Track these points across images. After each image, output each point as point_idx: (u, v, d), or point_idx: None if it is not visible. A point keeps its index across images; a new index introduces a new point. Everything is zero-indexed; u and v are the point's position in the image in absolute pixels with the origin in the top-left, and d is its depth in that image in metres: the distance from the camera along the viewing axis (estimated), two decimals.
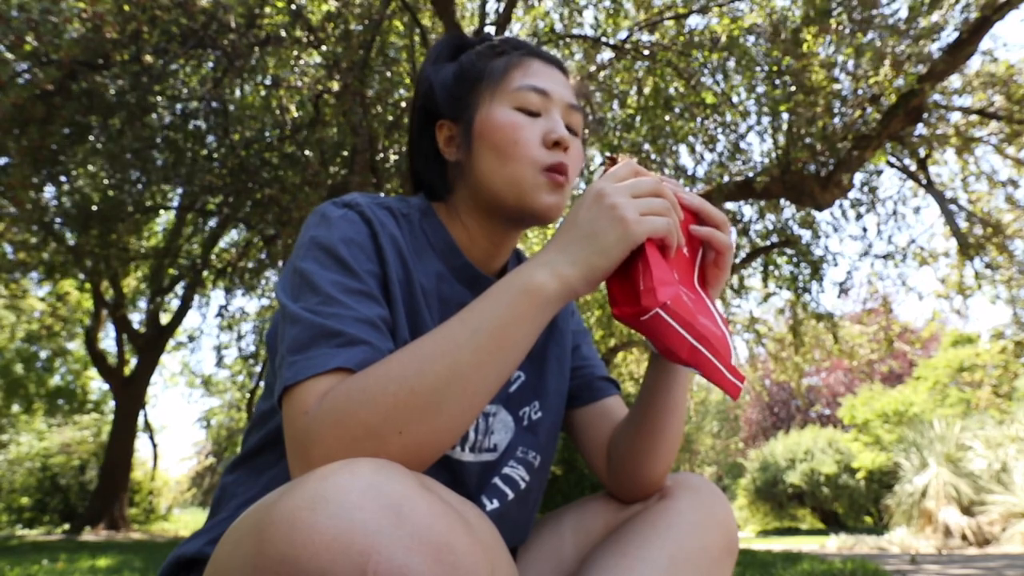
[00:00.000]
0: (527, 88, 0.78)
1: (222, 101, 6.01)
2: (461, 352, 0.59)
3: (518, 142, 0.76)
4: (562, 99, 0.80)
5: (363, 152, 5.96)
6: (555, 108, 0.79)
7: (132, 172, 6.32)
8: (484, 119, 0.78)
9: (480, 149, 0.78)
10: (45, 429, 13.85)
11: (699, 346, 0.64)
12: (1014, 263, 6.55)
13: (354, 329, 0.63)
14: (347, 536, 0.44)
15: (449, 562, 0.45)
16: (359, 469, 0.48)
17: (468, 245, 0.82)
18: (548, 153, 0.77)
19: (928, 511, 8.81)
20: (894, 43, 5.11)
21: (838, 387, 21.00)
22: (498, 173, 0.77)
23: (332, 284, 0.66)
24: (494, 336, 0.61)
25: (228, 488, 0.78)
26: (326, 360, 0.60)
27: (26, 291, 8.85)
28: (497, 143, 0.77)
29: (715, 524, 0.79)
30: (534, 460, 0.85)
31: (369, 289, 0.68)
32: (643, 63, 6.01)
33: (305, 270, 0.67)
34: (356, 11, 5.82)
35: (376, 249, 0.71)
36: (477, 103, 0.79)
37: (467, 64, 0.82)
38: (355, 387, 0.58)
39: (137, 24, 4.84)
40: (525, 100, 0.78)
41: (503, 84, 0.79)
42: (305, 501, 0.46)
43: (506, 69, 0.80)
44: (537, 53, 0.83)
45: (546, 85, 0.79)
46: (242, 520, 0.53)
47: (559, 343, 0.91)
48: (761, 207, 7.09)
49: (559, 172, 0.76)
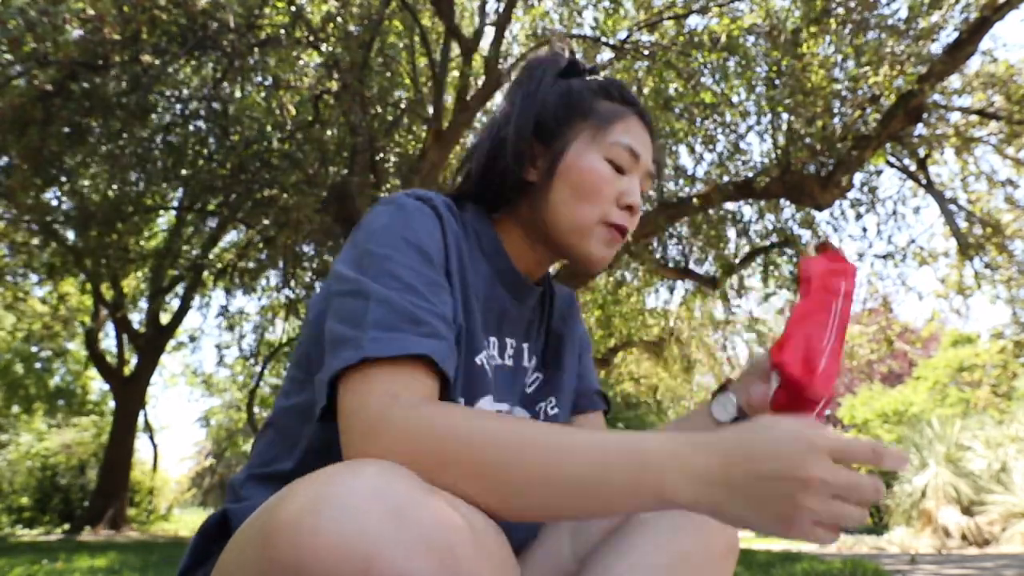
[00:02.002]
0: (625, 147, 0.80)
1: (222, 101, 6.01)
2: (552, 476, 0.54)
3: (599, 193, 0.78)
4: (646, 167, 0.83)
5: (363, 152, 5.96)
6: (638, 174, 0.82)
7: (132, 172, 6.32)
8: (576, 158, 0.79)
9: (560, 183, 0.79)
10: (45, 429, 13.84)
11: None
12: (1014, 263, 6.54)
13: (436, 322, 0.63)
14: (350, 541, 0.44)
15: (452, 567, 0.45)
16: (363, 471, 0.48)
17: (514, 253, 0.83)
18: (618, 213, 0.80)
19: (928, 511, 8.81)
20: (894, 43, 5.11)
21: (838, 387, 21.00)
22: (568, 211, 0.79)
23: (412, 273, 0.66)
24: (589, 493, 0.54)
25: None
26: (414, 344, 0.60)
27: (27, 292, 8.84)
28: (579, 186, 0.78)
29: (716, 524, 0.78)
30: None
31: (444, 284, 0.69)
32: (643, 63, 6.01)
33: (383, 255, 0.67)
34: (356, 11, 5.81)
35: (445, 245, 0.72)
36: (574, 138, 0.80)
37: (577, 90, 0.83)
38: (457, 425, 0.56)
39: (137, 24, 4.83)
40: (619, 156, 0.80)
41: (604, 132, 0.80)
42: (309, 505, 0.46)
43: (612, 119, 0.81)
44: (642, 113, 0.85)
45: (640, 150, 0.81)
46: (246, 525, 0.53)
47: (574, 345, 0.94)
48: (761, 207, 7.08)
49: (621, 233, 0.80)
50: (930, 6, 4.92)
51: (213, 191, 6.70)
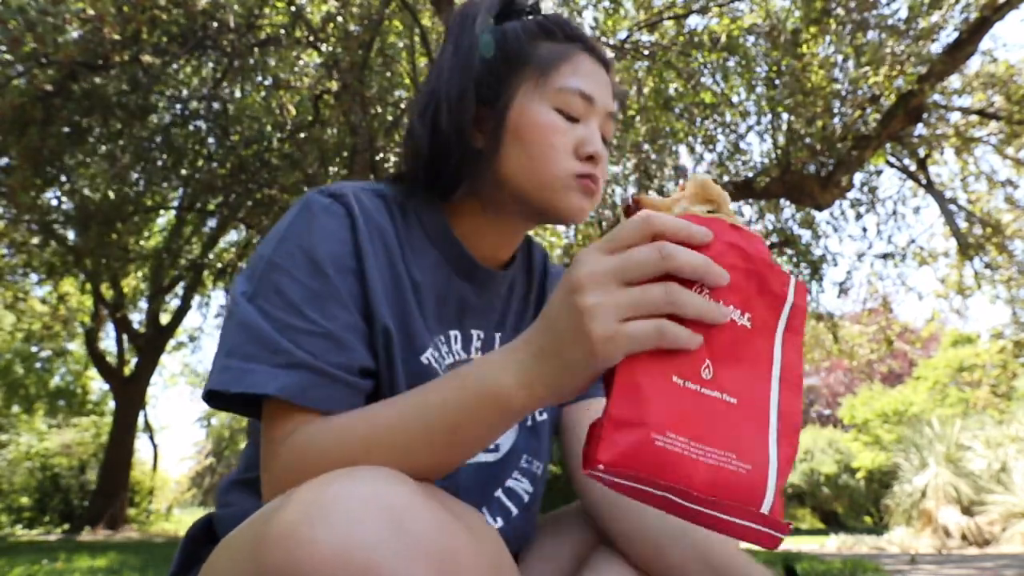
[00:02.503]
0: (573, 91, 0.71)
1: (222, 101, 6.01)
2: (412, 443, 0.57)
3: (553, 147, 0.70)
4: (604, 107, 0.74)
5: (363, 152, 5.96)
6: (595, 117, 0.73)
7: (132, 172, 6.32)
8: (520, 113, 0.71)
9: (509, 145, 0.71)
10: (45, 429, 13.84)
11: (683, 502, 0.47)
12: (1014, 263, 6.55)
13: (306, 346, 0.60)
14: (347, 550, 0.42)
15: (451, 573, 0.45)
16: (360, 477, 0.47)
17: (471, 235, 0.76)
18: (580, 164, 0.72)
19: (928, 511, 8.81)
20: (894, 43, 5.11)
21: (838, 387, 21.00)
22: (527, 173, 0.71)
23: (299, 288, 0.62)
24: (449, 433, 0.56)
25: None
26: (263, 381, 0.59)
27: (27, 292, 8.84)
28: (530, 143, 0.70)
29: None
30: (537, 470, 0.83)
31: (340, 295, 0.64)
32: (643, 63, 6.01)
33: (274, 266, 0.64)
34: (356, 11, 5.82)
35: (357, 245, 0.66)
36: (515, 91, 0.72)
37: (512, 37, 0.73)
38: (314, 441, 0.58)
39: (137, 24, 4.83)
40: (568, 103, 0.71)
41: (549, 78, 0.72)
42: (304, 513, 0.44)
43: (554, 62, 0.72)
44: (590, 48, 0.76)
45: (593, 90, 0.73)
46: (239, 532, 0.52)
47: None
48: (761, 207, 7.09)
49: (592, 182, 0.72)
50: (930, 6, 4.92)
51: (213, 191, 6.70)
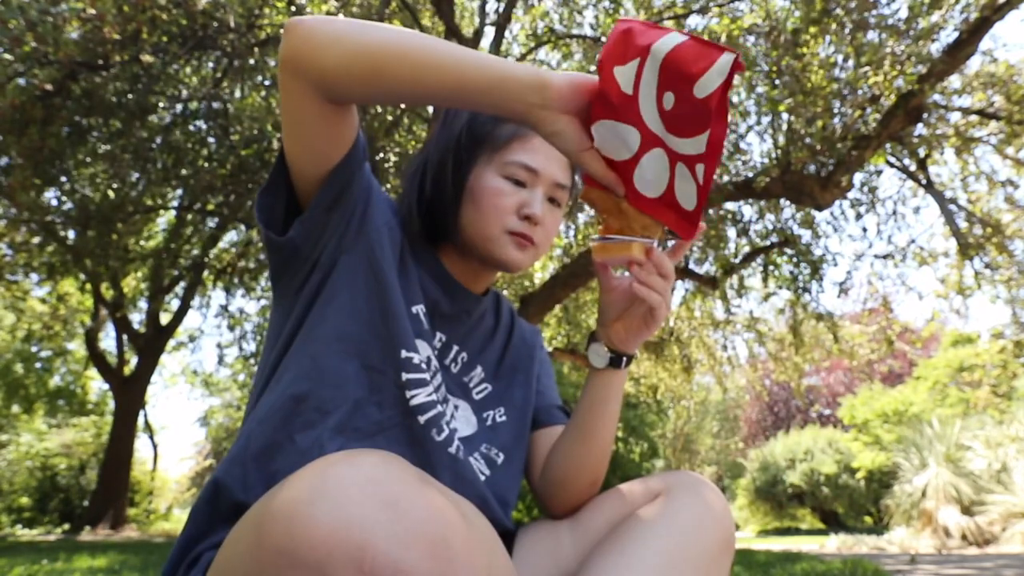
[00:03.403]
0: (519, 164, 0.87)
1: (222, 101, 6.01)
2: (420, 47, 0.70)
3: (496, 207, 0.86)
4: (550, 178, 0.89)
5: None
6: (541, 185, 0.88)
7: (132, 173, 6.31)
8: (476, 179, 0.87)
9: (466, 205, 0.87)
10: (45, 429, 13.85)
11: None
12: (1014, 263, 6.54)
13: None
14: (344, 530, 0.44)
15: (445, 557, 0.46)
16: (358, 461, 0.49)
17: (455, 274, 0.92)
18: (518, 223, 0.86)
19: (928, 511, 8.81)
20: (894, 43, 5.11)
21: (838, 387, 21.00)
22: (475, 226, 0.87)
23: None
24: (445, 55, 0.70)
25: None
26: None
27: (27, 292, 8.85)
28: (479, 203, 0.86)
29: (713, 521, 0.79)
30: (497, 457, 0.90)
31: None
32: None
33: None
34: (356, 11, 5.82)
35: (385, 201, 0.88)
36: (475, 161, 0.88)
37: (479, 127, 0.89)
38: (355, 23, 0.70)
39: (137, 24, 4.83)
40: (514, 173, 0.87)
41: (500, 154, 0.87)
42: (304, 494, 0.46)
43: (508, 140, 0.88)
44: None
45: (538, 164, 0.88)
46: (246, 515, 0.54)
47: (527, 364, 1.01)
48: (761, 207, 7.08)
49: (524, 239, 0.87)
50: (930, 6, 4.92)
51: (213, 191, 6.70)
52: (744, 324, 9.27)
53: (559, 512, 0.91)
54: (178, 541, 0.74)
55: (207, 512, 0.74)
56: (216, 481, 0.74)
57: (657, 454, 17.59)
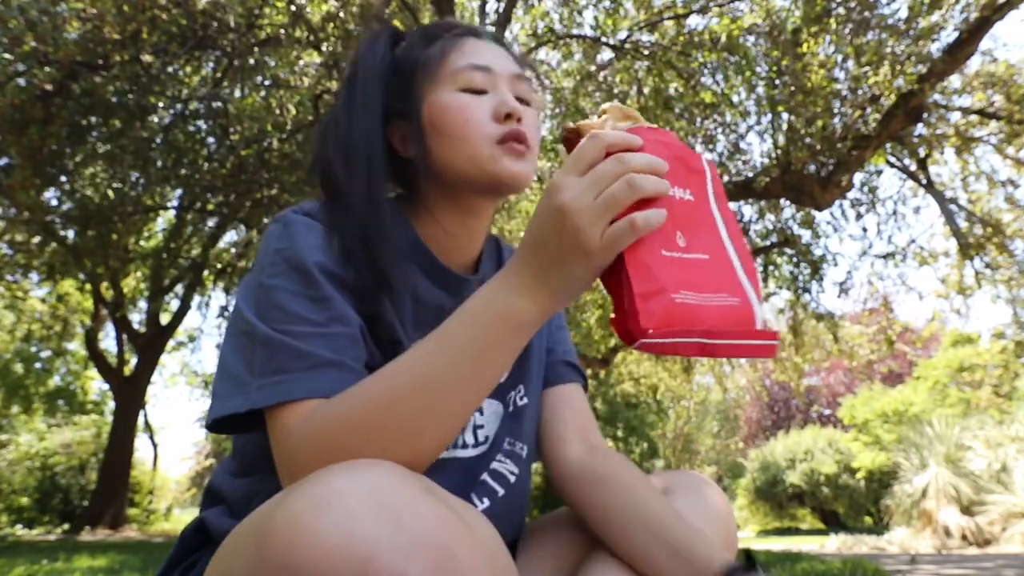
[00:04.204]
0: (468, 67, 0.75)
1: (222, 101, 6.01)
2: (439, 378, 0.59)
3: (468, 121, 0.73)
4: (506, 71, 0.77)
5: None
6: (501, 82, 0.76)
7: (132, 173, 6.31)
8: (430, 108, 0.75)
9: (433, 138, 0.75)
10: (45, 429, 13.83)
11: (708, 340, 0.58)
12: (1014, 263, 6.55)
13: (326, 349, 0.63)
14: (348, 543, 0.43)
15: (450, 569, 0.45)
16: (361, 473, 0.48)
17: (442, 240, 0.80)
18: (500, 127, 0.74)
19: (928, 511, 8.80)
20: (894, 43, 5.11)
21: (838, 387, 21.00)
22: (454, 154, 0.74)
23: (301, 301, 0.65)
24: (473, 362, 0.60)
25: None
26: (296, 387, 0.61)
27: (27, 292, 8.84)
28: (447, 128, 0.74)
29: (715, 521, 0.79)
30: (521, 451, 0.85)
31: (338, 302, 0.66)
32: (643, 63, 6.01)
33: (271, 286, 0.66)
34: (356, 11, 5.82)
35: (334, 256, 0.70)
36: (420, 94, 0.76)
37: (402, 57, 0.79)
38: (335, 413, 0.59)
39: (137, 24, 4.84)
40: (468, 80, 0.75)
41: (442, 69, 0.76)
42: (306, 506, 0.45)
43: (443, 53, 0.76)
44: (472, 31, 0.80)
45: (487, 61, 0.76)
46: (244, 524, 0.53)
47: (540, 330, 0.90)
48: (761, 207, 7.09)
49: (517, 140, 0.74)
50: (930, 6, 4.92)
51: (213, 191, 6.70)
52: None
53: (555, 484, 0.85)
54: (177, 543, 0.73)
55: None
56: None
57: (657, 454, 17.61)
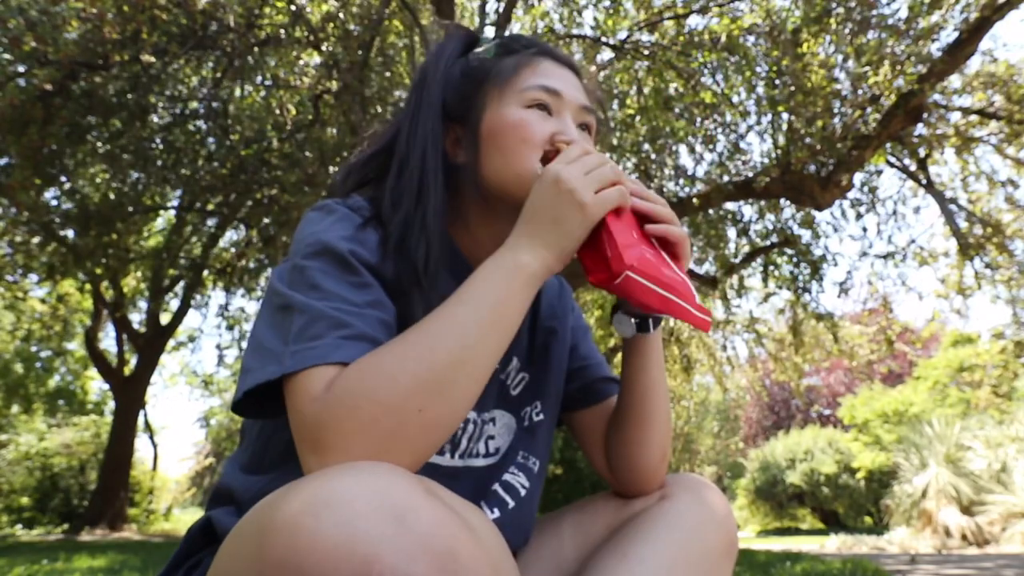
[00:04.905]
0: (538, 87, 0.76)
1: (222, 101, 6.01)
2: (467, 329, 0.61)
3: (525, 140, 0.74)
4: (574, 101, 0.77)
5: None
6: (567, 110, 0.77)
7: (132, 172, 6.31)
8: (492, 119, 0.75)
9: (488, 149, 0.75)
10: (45, 429, 13.83)
11: (668, 295, 0.70)
12: (1014, 263, 6.54)
13: (362, 324, 0.62)
14: (350, 544, 0.43)
15: (452, 570, 0.45)
16: (362, 473, 0.48)
17: (471, 248, 0.80)
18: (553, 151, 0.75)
19: (928, 511, 8.81)
20: (894, 43, 5.10)
21: (838, 387, 21.00)
22: (504, 169, 0.74)
23: (340, 283, 0.64)
24: (493, 311, 0.63)
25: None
26: (332, 351, 0.59)
27: (27, 292, 8.84)
28: (503, 141, 0.74)
29: (715, 524, 0.79)
30: (534, 466, 0.85)
31: (376, 288, 0.67)
32: (643, 63, 6.00)
33: (308, 267, 0.65)
34: (356, 11, 5.81)
35: (376, 245, 0.70)
36: (484, 104, 0.76)
37: (475, 63, 0.79)
38: (370, 367, 0.57)
39: (137, 24, 4.83)
40: (535, 99, 0.75)
41: (512, 84, 0.76)
42: (308, 506, 0.45)
43: (516, 68, 0.77)
44: (549, 52, 0.80)
45: (558, 85, 0.77)
46: (244, 523, 0.52)
47: (561, 343, 0.91)
48: (761, 207, 7.08)
49: None
50: (930, 6, 4.92)
51: (213, 191, 6.70)
52: (744, 324, 9.27)
53: (644, 493, 0.84)
54: (182, 543, 0.73)
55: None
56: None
57: None
